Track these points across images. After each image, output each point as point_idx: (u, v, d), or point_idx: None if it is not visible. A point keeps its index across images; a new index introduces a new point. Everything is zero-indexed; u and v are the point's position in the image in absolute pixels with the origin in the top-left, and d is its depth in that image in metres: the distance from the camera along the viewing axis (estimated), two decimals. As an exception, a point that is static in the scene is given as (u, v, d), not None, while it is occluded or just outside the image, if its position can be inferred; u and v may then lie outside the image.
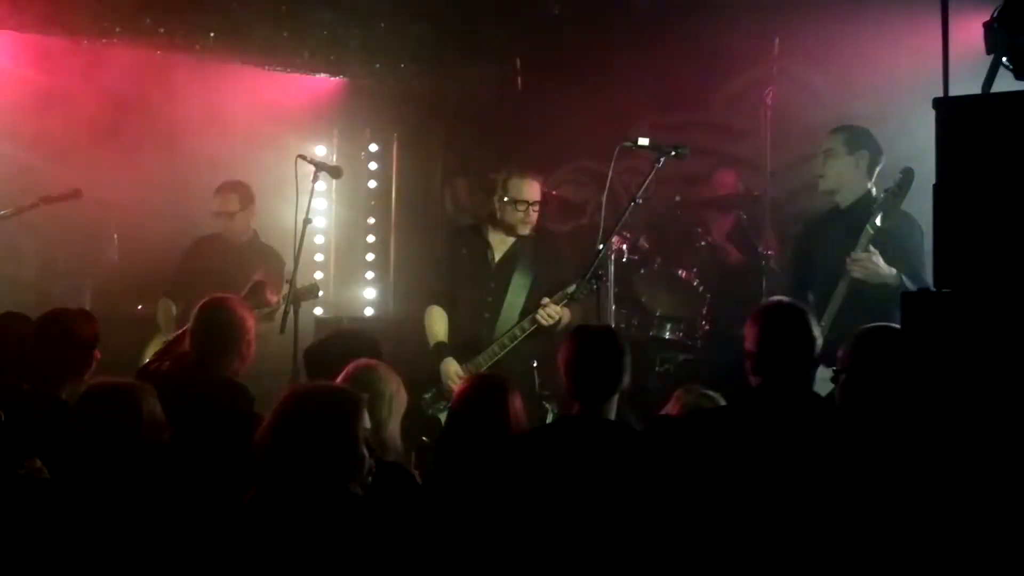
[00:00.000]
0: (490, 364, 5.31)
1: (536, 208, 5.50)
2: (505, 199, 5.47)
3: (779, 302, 3.70)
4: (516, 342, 5.31)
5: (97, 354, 4.41)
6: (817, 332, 3.48)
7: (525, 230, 5.51)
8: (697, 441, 3.34)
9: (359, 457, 2.99)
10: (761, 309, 3.62)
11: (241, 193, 6.48)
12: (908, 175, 4.55)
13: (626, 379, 3.72)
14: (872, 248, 4.62)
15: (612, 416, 3.71)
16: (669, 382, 5.85)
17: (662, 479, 3.32)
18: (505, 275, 5.48)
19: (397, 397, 3.87)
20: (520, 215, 5.46)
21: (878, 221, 4.61)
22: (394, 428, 3.83)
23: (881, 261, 4.60)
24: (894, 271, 4.60)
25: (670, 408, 4.14)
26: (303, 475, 2.91)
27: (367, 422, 3.07)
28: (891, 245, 4.62)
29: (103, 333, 4.49)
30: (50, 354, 4.27)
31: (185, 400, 3.96)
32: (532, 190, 5.49)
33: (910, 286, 4.51)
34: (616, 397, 3.72)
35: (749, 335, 3.51)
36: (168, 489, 3.29)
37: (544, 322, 5.25)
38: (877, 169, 4.97)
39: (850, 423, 3.43)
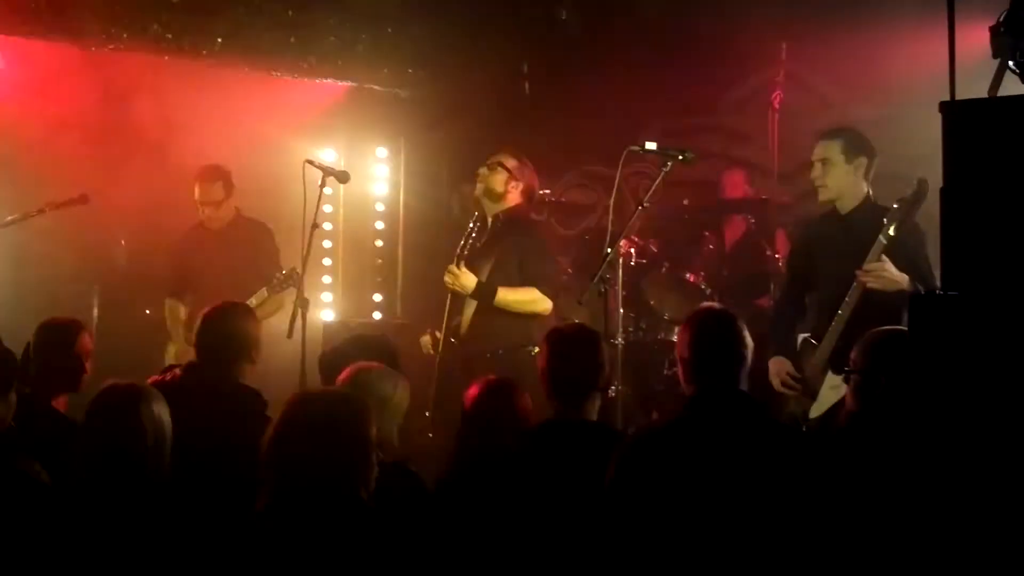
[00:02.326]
0: (447, 323, 5.38)
1: (492, 170, 5.49)
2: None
3: (710, 309, 3.71)
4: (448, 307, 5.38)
5: (87, 366, 4.42)
6: (748, 340, 3.47)
7: (482, 196, 5.52)
8: (636, 456, 3.33)
9: (369, 463, 2.99)
10: (692, 317, 3.62)
11: (225, 180, 6.47)
12: (923, 186, 4.49)
13: (603, 376, 3.73)
14: (884, 257, 4.59)
15: (594, 416, 3.71)
16: (677, 385, 5.85)
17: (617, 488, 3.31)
18: (473, 257, 5.45)
19: (394, 399, 3.87)
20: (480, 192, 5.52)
21: (891, 232, 4.58)
22: (391, 431, 3.83)
23: (894, 268, 4.57)
24: (907, 278, 4.57)
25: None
26: (312, 483, 2.91)
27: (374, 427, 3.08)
28: (900, 253, 4.60)
29: (112, 337, 4.51)
30: (46, 364, 4.29)
31: (198, 407, 3.99)
32: (487, 165, 5.51)
33: (922, 291, 4.49)
34: (596, 395, 3.73)
35: (681, 342, 3.52)
36: (178, 495, 3.29)
37: (445, 279, 5.31)
38: (872, 171, 4.95)
39: (787, 430, 3.44)
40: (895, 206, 4.61)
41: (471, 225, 5.43)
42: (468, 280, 5.31)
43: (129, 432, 3.27)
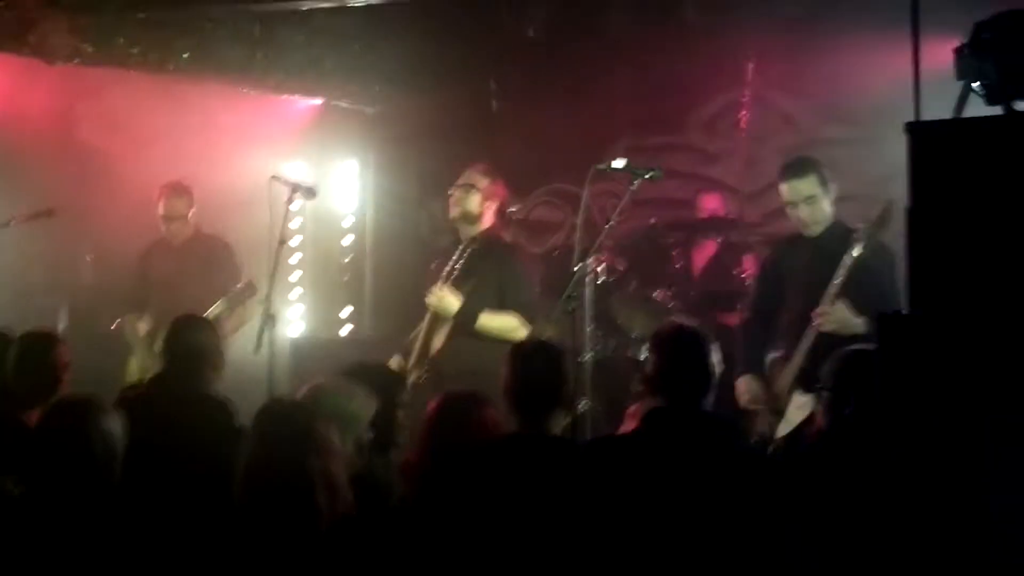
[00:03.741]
0: (422, 346, 5.36)
1: (466, 192, 5.47)
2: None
3: (677, 327, 3.72)
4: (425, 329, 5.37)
5: (64, 379, 4.40)
6: (716, 358, 3.48)
7: (459, 220, 5.51)
8: (595, 468, 3.34)
9: (328, 473, 2.97)
10: (658, 332, 3.64)
11: (188, 196, 6.48)
12: (889, 208, 4.53)
13: (566, 392, 3.73)
14: (838, 302, 4.63)
15: (557, 431, 3.71)
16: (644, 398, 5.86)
17: (582, 502, 3.31)
18: (454, 281, 5.43)
19: (349, 410, 3.83)
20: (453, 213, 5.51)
21: (855, 252, 4.62)
22: (348, 444, 3.80)
23: (848, 312, 4.61)
24: (862, 320, 4.60)
25: (626, 426, 4.15)
26: (270, 493, 2.90)
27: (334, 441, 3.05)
28: (864, 276, 4.64)
29: (79, 351, 4.50)
30: (22, 379, 4.27)
31: (166, 416, 4.00)
32: (460, 187, 5.49)
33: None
34: (558, 412, 3.72)
35: (648, 359, 3.54)
36: (136, 505, 3.28)
37: (428, 300, 5.30)
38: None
39: (743, 452, 3.46)
40: (860, 227, 4.66)
41: (460, 248, 5.36)
42: (452, 303, 5.28)
43: (76, 446, 3.26)
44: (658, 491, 3.19)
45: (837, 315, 4.62)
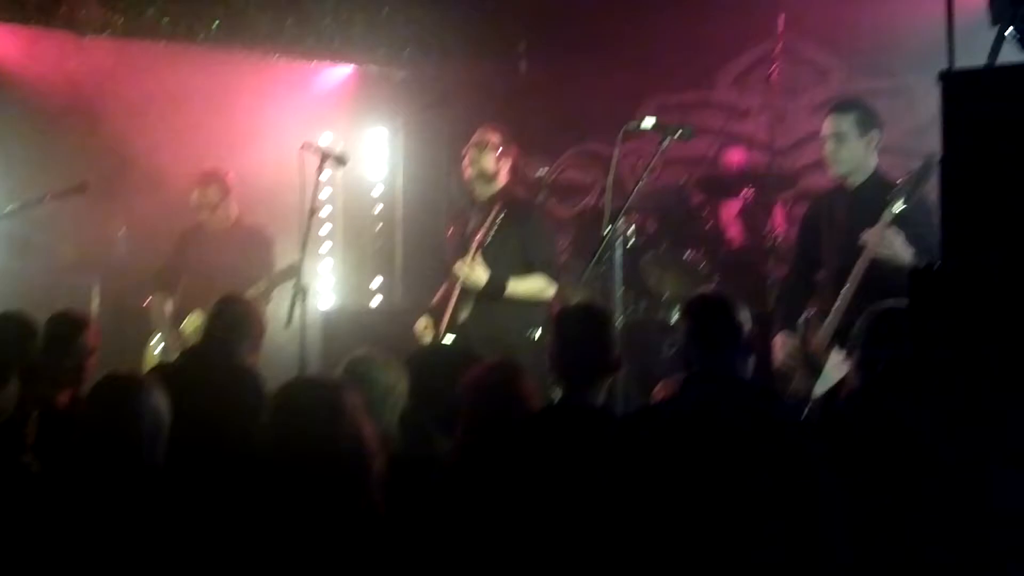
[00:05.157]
0: (453, 316, 5.31)
1: (480, 150, 5.44)
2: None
3: (703, 296, 3.67)
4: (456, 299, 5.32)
5: (91, 363, 4.44)
6: (745, 319, 3.42)
7: (475, 179, 5.47)
8: (633, 436, 3.30)
9: (361, 456, 2.95)
10: (687, 303, 3.58)
11: (221, 184, 6.44)
12: (930, 162, 4.44)
13: (611, 357, 3.66)
14: (892, 228, 4.54)
15: (599, 399, 3.65)
16: (677, 365, 5.82)
17: (618, 474, 3.28)
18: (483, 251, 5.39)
19: (397, 390, 3.84)
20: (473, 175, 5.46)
21: (897, 207, 4.52)
22: (391, 421, 3.80)
23: (900, 240, 4.52)
24: (911, 251, 4.52)
25: (658, 395, 4.12)
26: (304, 476, 2.89)
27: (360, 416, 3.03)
28: (908, 231, 4.56)
29: (110, 328, 4.53)
30: (51, 361, 4.31)
31: (194, 387, 4.03)
32: (474, 146, 5.45)
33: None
34: (604, 378, 3.66)
35: (680, 329, 3.50)
36: (174, 480, 3.29)
37: (457, 273, 5.24)
38: (880, 144, 4.92)
39: (784, 417, 3.41)
40: (901, 181, 4.57)
41: (493, 215, 5.31)
42: (481, 275, 5.24)
43: (126, 421, 3.26)
44: (697, 461, 3.15)
45: (889, 238, 4.52)
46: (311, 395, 3.02)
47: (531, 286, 5.31)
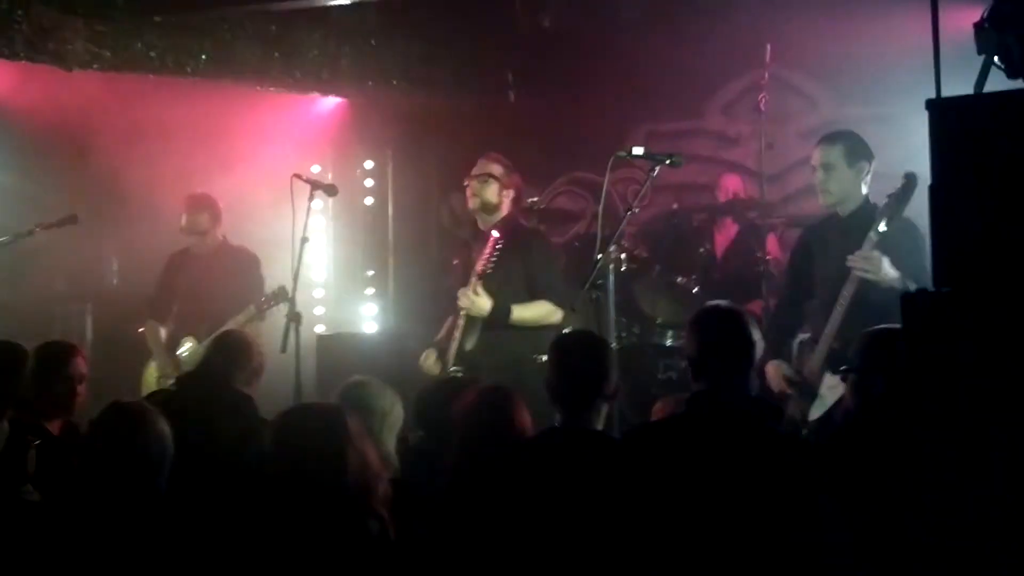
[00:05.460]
0: (459, 346, 5.31)
1: (483, 182, 5.45)
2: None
3: (716, 307, 3.64)
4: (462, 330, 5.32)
5: (81, 390, 4.43)
6: (757, 336, 3.43)
7: (478, 210, 5.48)
8: (638, 452, 3.31)
9: (363, 478, 2.96)
10: (698, 315, 3.58)
11: (211, 210, 6.49)
12: (911, 180, 4.50)
13: (609, 385, 3.66)
14: (877, 250, 4.58)
15: (599, 425, 3.66)
16: (673, 389, 5.84)
17: (622, 491, 3.28)
18: (485, 280, 5.38)
19: (392, 414, 3.85)
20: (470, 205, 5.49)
21: (881, 227, 4.57)
22: (389, 445, 3.81)
23: (887, 262, 4.57)
24: (898, 274, 4.56)
25: (658, 413, 4.12)
26: (304, 497, 2.89)
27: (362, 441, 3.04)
28: (893, 252, 4.60)
29: (104, 357, 4.53)
30: (41, 391, 4.31)
31: (188, 412, 4.05)
32: (476, 178, 5.47)
33: (913, 289, 4.48)
34: (601, 404, 3.66)
35: (688, 341, 3.49)
36: (177, 505, 3.29)
37: (461, 303, 5.25)
38: (871, 174, 4.97)
39: (780, 435, 3.41)
40: (884, 201, 4.63)
41: (493, 244, 5.27)
42: (484, 304, 5.23)
43: (139, 449, 3.27)
44: (703, 480, 3.15)
45: (875, 260, 4.56)
46: (318, 419, 3.03)
47: (536, 311, 5.33)
